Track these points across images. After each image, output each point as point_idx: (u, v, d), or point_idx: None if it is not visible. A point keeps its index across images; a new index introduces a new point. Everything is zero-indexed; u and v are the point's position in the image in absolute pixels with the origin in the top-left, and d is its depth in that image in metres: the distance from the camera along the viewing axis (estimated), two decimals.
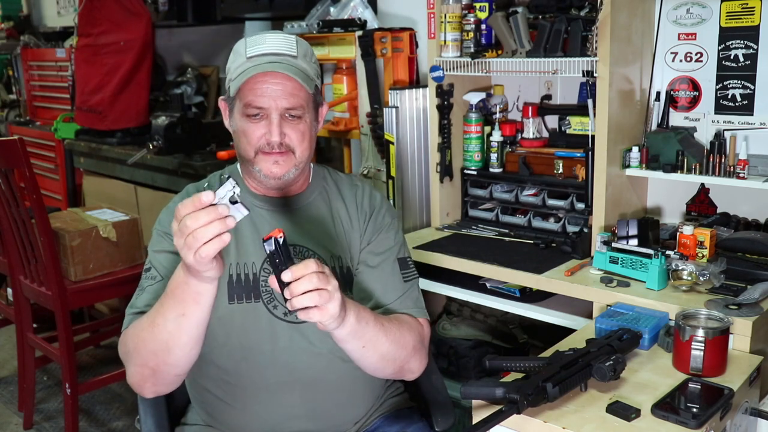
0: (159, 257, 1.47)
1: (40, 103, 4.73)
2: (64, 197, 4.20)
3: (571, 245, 2.19)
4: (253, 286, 1.49)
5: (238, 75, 1.43)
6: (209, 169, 3.03)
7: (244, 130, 1.45)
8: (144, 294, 1.45)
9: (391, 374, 1.53)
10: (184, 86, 4.02)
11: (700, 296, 1.83)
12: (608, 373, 1.38)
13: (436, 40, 2.43)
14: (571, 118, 2.45)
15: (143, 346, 1.35)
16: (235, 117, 1.47)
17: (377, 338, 1.40)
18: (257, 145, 1.45)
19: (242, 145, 1.47)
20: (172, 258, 1.45)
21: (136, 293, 1.47)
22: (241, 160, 1.53)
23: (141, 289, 1.47)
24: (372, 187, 1.69)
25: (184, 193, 1.56)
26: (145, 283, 1.46)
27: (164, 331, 1.31)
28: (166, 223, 1.48)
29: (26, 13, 5.46)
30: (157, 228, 1.52)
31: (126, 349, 1.41)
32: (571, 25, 2.14)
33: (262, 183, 1.51)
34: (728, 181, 2.06)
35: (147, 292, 1.45)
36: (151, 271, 1.47)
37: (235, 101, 1.46)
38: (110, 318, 3.54)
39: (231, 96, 1.47)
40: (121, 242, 2.84)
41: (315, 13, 2.96)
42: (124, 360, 1.42)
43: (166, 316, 1.30)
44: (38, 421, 3.03)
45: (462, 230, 2.51)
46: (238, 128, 1.47)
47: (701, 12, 2.18)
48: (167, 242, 1.46)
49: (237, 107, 1.46)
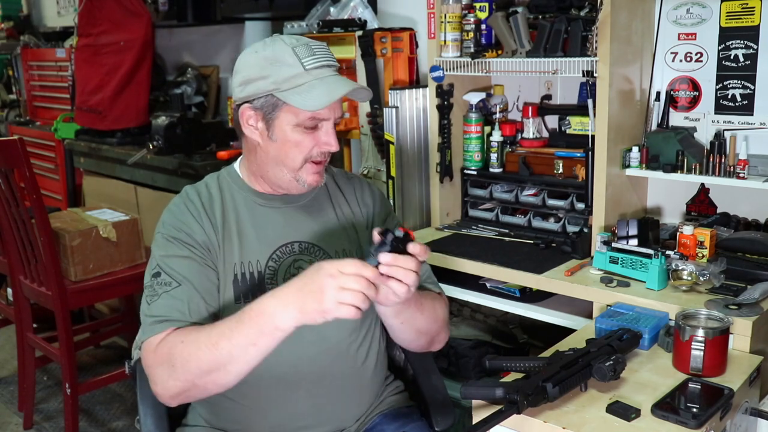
0: (170, 262, 1.43)
1: (40, 103, 4.72)
2: (64, 197, 4.19)
3: (571, 245, 2.19)
4: (258, 284, 1.49)
5: (298, 86, 1.40)
6: (209, 169, 3.03)
7: (297, 141, 1.43)
8: (160, 300, 1.40)
9: (422, 346, 1.60)
10: (184, 86, 4.02)
11: (700, 296, 1.83)
12: (608, 373, 1.38)
13: (436, 40, 2.43)
14: (571, 118, 2.45)
15: (196, 364, 1.30)
16: (279, 127, 1.43)
17: (415, 315, 1.47)
18: (309, 154, 1.45)
19: (290, 156, 1.45)
20: (186, 263, 1.43)
21: (147, 299, 1.42)
22: (277, 167, 1.48)
23: (154, 295, 1.41)
24: (363, 179, 1.72)
25: (184, 195, 1.54)
26: (159, 289, 1.41)
27: (227, 354, 1.28)
28: (172, 228, 1.46)
29: (26, 13, 5.46)
30: (162, 232, 1.48)
31: (163, 360, 1.34)
32: (571, 25, 2.14)
33: (290, 189, 1.51)
34: (728, 181, 2.06)
35: (164, 298, 1.40)
36: (163, 277, 1.42)
37: (283, 111, 1.42)
38: (110, 318, 3.54)
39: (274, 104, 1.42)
40: (121, 242, 2.84)
41: (315, 13, 2.96)
42: (156, 369, 1.35)
43: (235, 342, 1.27)
44: (38, 421, 3.03)
45: (462, 230, 2.51)
46: (284, 138, 1.44)
47: (701, 12, 2.18)
48: (177, 247, 1.44)
49: (287, 118, 1.42)
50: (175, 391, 1.34)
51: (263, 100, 1.43)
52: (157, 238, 1.48)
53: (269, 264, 1.50)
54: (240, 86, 1.46)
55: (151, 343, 1.37)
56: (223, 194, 1.53)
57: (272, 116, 1.44)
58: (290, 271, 1.50)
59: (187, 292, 1.41)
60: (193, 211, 1.48)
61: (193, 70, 4.14)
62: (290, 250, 1.52)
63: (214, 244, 1.47)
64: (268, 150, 1.47)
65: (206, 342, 1.30)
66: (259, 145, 1.48)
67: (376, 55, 2.65)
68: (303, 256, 1.53)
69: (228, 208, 1.51)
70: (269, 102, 1.43)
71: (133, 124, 3.78)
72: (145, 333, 1.40)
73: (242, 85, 1.45)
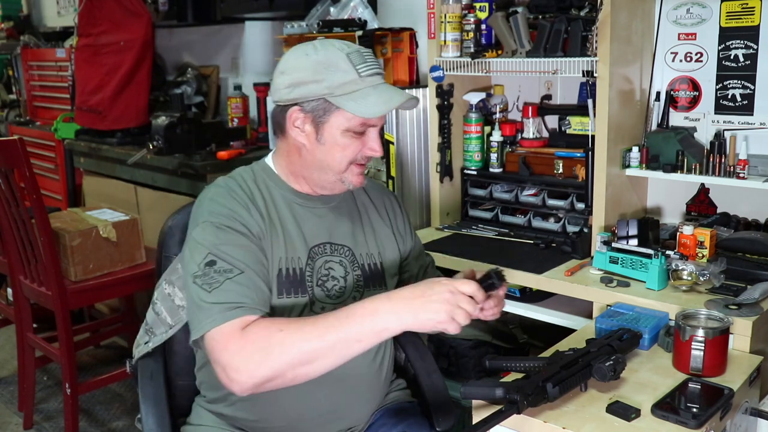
0: (227, 250, 1.39)
1: (40, 103, 4.72)
2: (64, 197, 4.19)
3: (571, 245, 2.19)
4: (300, 281, 1.49)
5: (353, 92, 1.42)
6: (209, 169, 3.03)
7: (345, 145, 1.46)
8: (224, 286, 1.35)
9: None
10: (184, 86, 4.02)
11: (700, 296, 1.83)
12: (608, 373, 1.38)
13: (436, 40, 2.43)
14: (571, 118, 2.45)
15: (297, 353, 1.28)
16: (329, 131, 1.45)
17: None
18: (354, 158, 1.48)
19: (336, 159, 1.47)
20: (244, 251, 1.41)
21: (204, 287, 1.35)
22: (321, 170, 1.49)
23: (214, 283, 1.36)
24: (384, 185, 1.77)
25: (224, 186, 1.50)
26: (219, 276, 1.36)
27: (331, 346, 1.28)
28: (222, 216, 1.43)
29: (26, 13, 5.46)
30: (210, 221, 1.43)
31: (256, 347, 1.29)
32: (571, 25, 2.14)
33: (331, 190, 1.53)
34: (728, 181, 2.06)
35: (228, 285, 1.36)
36: (220, 264, 1.38)
37: (334, 115, 1.44)
38: (110, 318, 3.54)
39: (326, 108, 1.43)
40: (121, 242, 2.84)
41: (315, 13, 2.96)
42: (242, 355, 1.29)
43: (342, 335, 1.28)
44: (38, 421, 3.02)
45: (462, 230, 2.51)
46: (333, 142, 1.45)
47: (701, 12, 2.18)
48: (232, 234, 1.42)
49: (338, 122, 1.44)
50: (260, 379, 1.29)
51: (314, 103, 1.44)
52: (205, 227, 1.42)
53: (308, 262, 1.51)
54: (288, 88, 1.45)
55: (226, 330, 1.31)
56: (260, 189, 1.53)
57: (322, 120, 1.45)
58: (321, 272, 1.52)
59: (251, 279, 1.39)
60: (240, 201, 1.47)
61: (193, 70, 4.14)
62: (323, 250, 1.54)
63: (264, 234, 1.46)
64: (315, 152, 1.48)
65: (312, 332, 1.29)
66: (305, 146, 1.48)
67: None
68: (333, 257, 1.54)
69: (269, 203, 1.51)
70: (321, 106, 1.44)
71: (133, 124, 3.78)
72: (213, 320, 1.32)
73: (291, 87, 1.45)
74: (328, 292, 1.52)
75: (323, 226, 1.55)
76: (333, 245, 1.55)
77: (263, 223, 1.47)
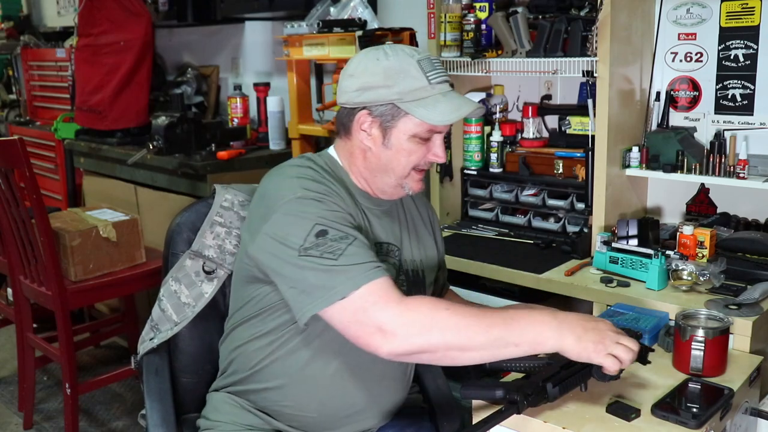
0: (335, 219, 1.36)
1: (40, 103, 4.72)
2: (64, 197, 4.19)
3: (571, 245, 2.19)
4: None
5: (423, 98, 1.43)
6: (209, 169, 3.03)
7: (410, 150, 1.47)
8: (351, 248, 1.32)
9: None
10: (184, 86, 4.02)
11: (700, 296, 1.83)
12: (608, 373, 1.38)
13: (436, 40, 2.43)
14: (571, 118, 2.45)
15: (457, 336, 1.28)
16: (396, 135, 1.46)
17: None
18: (418, 164, 1.49)
19: (401, 163, 1.48)
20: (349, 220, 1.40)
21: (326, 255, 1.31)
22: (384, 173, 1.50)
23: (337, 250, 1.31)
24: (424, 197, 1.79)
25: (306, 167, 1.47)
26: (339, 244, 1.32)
27: (491, 342, 1.29)
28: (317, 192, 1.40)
29: (26, 13, 5.46)
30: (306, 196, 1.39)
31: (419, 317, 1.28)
32: (571, 25, 2.14)
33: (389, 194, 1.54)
34: (728, 181, 2.06)
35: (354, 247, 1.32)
36: (333, 233, 1.34)
37: (402, 120, 1.45)
38: (110, 318, 3.54)
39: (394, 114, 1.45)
40: (121, 242, 2.84)
41: (315, 13, 2.96)
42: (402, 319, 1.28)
43: (505, 335, 1.29)
44: (38, 421, 3.02)
45: (462, 230, 2.51)
46: (399, 147, 1.47)
47: (701, 12, 2.18)
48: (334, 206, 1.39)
49: (405, 127, 1.45)
50: (415, 348, 1.29)
51: (383, 108, 1.45)
52: (301, 201, 1.38)
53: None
54: (357, 91, 1.46)
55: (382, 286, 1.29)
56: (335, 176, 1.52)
57: (390, 125, 1.46)
58: None
59: (365, 243, 1.36)
60: (327, 183, 1.46)
61: (193, 70, 4.14)
62: (379, 249, 1.54)
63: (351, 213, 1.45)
64: (380, 156, 1.49)
65: (477, 323, 1.29)
66: (370, 150, 1.49)
67: None
68: (388, 257, 1.56)
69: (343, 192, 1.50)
70: (389, 111, 1.45)
71: (133, 124, 3.78)
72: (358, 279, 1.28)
73: (360, 90, 1.46)
74: None
75: (380, 227, 1.56)
76: (389, 246, 1.57)
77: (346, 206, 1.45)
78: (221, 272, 1.64)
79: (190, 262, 1.63)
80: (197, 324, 1.65)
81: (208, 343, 1.68)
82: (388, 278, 1.31)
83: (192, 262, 1.63)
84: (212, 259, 1.63)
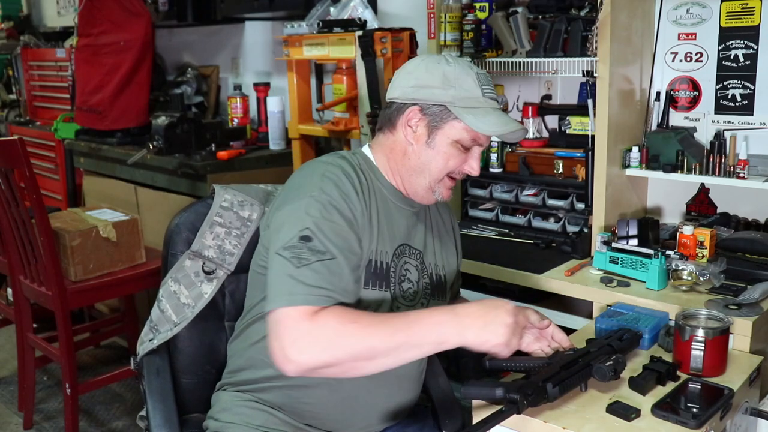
0: (326, 229, 1.37)
1: (40, 103, 4.73)
2: (64, 197, 4.19)
3: (571, 245, 2.19)
4: (385, 275, 1.50)
5: (473, 107, 1.47)
6: (209, 169, 3.04)
7: (449, 155, 1.50)
8: (314, 266, 1.33)
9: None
10: (184, 86, 4.02)
11: (700, 296, 1.83)
12: (608, 373, 1.38)
13: (436, 40, 2.43)
14: (571, 118, 2.45)
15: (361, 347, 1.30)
16: (441, 137, 1.49)
17: None
18: (454, 170, 1.52)
19: (437, 166, 1.50)
20: (343, 236, 1.39)
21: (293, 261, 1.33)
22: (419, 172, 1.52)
23: (305, 260, 1.33)
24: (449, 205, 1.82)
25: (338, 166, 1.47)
26: (311, 255, 1.34)
27: (395, 347, 1.30)
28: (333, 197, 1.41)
29: (26, 13, 5.46)
30: (317, 197, 1.40)
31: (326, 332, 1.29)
32: (571, 25, 2.14)
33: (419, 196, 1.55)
34: (728, 181, 2.06)
35: (318, 266, 1.33)
36: (315, 242, 1.35)
37: (450, 124, 1.48)
38: (110, 318, 3.54)
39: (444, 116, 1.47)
40: (121, 242, 2.84)
41: (315, 13, 2.96)
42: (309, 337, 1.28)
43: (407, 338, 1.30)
44: (38, 421, 3.03)
45: (462, 230, 2.51)
46: (440, 149, 1.49)
47: (701, 12, 2.18)
48: (337, 215, 1.40)
49: (451, 131, 1.48)
50: (317, 364, 1.30)
51: (435, 108, 1.48)
52: (311, 202, 1.40)
53: (393, 258, 1.53)
54: (413, 87, 1.49)
55: (302, 310, 1.30)
56: (366, 176, 1.53)
57: (437, 125, 1.48)
58: (401, 271, 1.54)
59: (343, 267, 1.37)
60: (354, 185, 1.46)
61: (193, 70, 4.14)
62: (402, 251, 1.55)
63: (363, 222, 1.47)
64: (420, 155, 1.51)
65: (382, 330, 1.30)
66: (412, 146, 1.51)
67: (376, 55, 2.65)
68: (411, 259, 1.57)
69: (371, 192, 1.51)
70: (440, 112, 1.48)
71: (133, 124, 3.78)
72: (294, 298, 1.31)
73: (416, 87, 1.49)
74: (403, 293, 1.54)
75: (406, 227, 1.57)
76: (411, 248, 1.57)
77: (365, 210, 1.47)
78: (221, 272, 1.64)
79: (189, 262, 1.63)
80: (197, 324, 1.64)
81: (208, 343, 1.68)
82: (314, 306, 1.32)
83: (191, 263, 1.63)
84: (212, 260, 1.64)
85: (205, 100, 4.09)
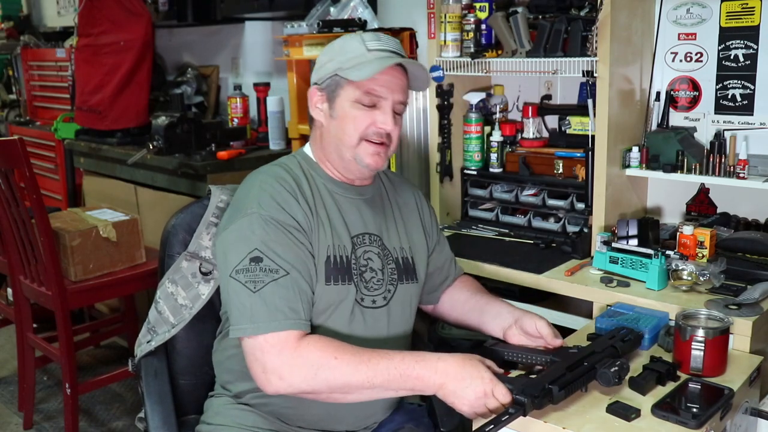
0: (274, 247, 1.40)
1: (40, 103, 4.72)
2: (64, 197, 4.19)
3: (571, 245, 2.19)
4: (346, 269, 1.51)
5: (358, 63, 1.47)
6: (209, 169, 3.03)
7: (354, 117, 1.50)
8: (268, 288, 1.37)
9: None
10: (184, 86, 4.02)
11: (700, 296, 1.83)
12: (613, 379, 1.38)
13: (436, 40, 2.43)
14: (571, 118, 2.45)
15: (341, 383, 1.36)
16: (340, 104, 1.50)
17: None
18: (365, 132, 1.50)
19: (347, 131, 1.50)
20: (292, 250, 1.42)
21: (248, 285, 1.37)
22: (336, 147, 1.53)
23: (258, 282, 1.37)
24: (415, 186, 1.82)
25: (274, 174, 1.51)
26: (264, 276, 1.37)
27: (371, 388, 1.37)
28: (272, 209, 1.44)
29: (26, 13, 5.46)
30: (259, 213, 1.43)
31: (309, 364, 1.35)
32: (571, 25, 2.14)
33: (352, 171, 1.55)
34: (728, 181, 2.06)
35: (272, 287, 1.37)
36: (266, 262, 1.38)
37: (344, 88, 1.49)
38: (110, 318, 3.54)
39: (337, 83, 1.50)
40: (121, 242, 2.84)
41: (315, 13, 2.96)
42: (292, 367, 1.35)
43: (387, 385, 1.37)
44: (38, 421, 3.02)
45: (462, 230, 2.51)
46: (343, 114, 1.50)
47: (701, 12, 2.18)
48: (280, 231, 1.42)
49: (347, 94, 1.49)
50: (298, 391, 1.37)
51: (329, 81, 1.52)
52: (252, 220, 1.42)
53: (352, 250, 1.53)
54: (313, 73, 1.55)
55: (282, 337, 1.36)
56: (306, 177, 1.55)
57: (334, 95, 1.51)
58: (361, 261, 1.54)
59: (296, 282, 1.40)
60: (289, 190, 1.48)
61: (193, 70, 4.14)
62: (362, 240, 1.56)
63: (311, 224, 1.48)
64: (330, 128, 1.53)
65: (363, 371, 1.36)
66: (323, 125, 1.55)
67: None
68: (371, 247, 1.57)
69: (314, 191, 1.53)
70: (333, 82, 1.51)
71: (133, 124, 3.78)
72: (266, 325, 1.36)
73: (314, 72, 1.55)
74: (366, 283, 1.54)
75: (362, 217, 1.58)
76: (371, 236, 1.58)
77: (310, 212, 1.49)
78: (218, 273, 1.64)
79: (186, 263, 1.63)
80: (194, 326, 1.65)
81: (206, 345, 1.67)
82: (291, 331, 1.37)
83: (188, 264, 1.63)
84: (209, 260, 1.63)
85: (205, 100, 4.09)
